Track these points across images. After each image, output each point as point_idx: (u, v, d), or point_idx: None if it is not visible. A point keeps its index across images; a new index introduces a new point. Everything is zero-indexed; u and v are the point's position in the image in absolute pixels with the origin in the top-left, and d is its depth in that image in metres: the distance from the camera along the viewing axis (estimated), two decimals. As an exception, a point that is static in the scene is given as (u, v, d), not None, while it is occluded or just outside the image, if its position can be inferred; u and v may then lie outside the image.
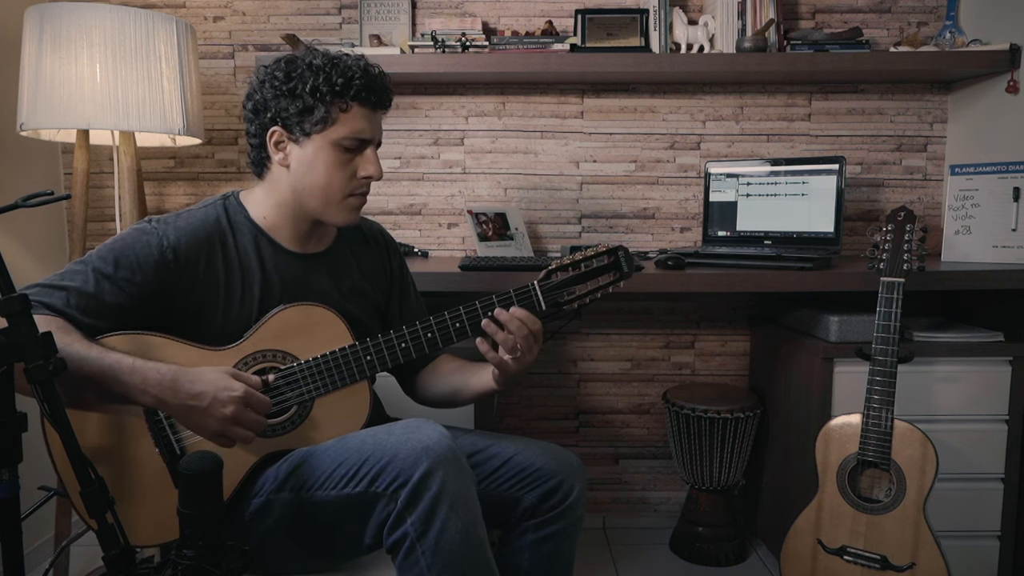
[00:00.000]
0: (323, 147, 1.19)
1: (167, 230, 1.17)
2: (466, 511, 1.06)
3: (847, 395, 1.81)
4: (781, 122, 2.30)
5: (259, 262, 1.23)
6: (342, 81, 1.16)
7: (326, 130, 1.18)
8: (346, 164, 1.21)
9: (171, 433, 1.14)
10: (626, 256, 1.25)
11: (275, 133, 1.20)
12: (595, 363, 2.37)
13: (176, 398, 1.07)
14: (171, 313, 1.18)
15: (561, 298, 1.23)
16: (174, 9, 2.26)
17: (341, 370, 1.19)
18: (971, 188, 1.95)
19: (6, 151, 1.99)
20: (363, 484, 1.08)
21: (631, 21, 2.16)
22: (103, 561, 0.92)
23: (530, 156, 2.31)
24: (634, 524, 2.38)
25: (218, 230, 1.22)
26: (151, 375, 1.06)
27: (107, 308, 1.13)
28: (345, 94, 1.17)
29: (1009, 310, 1.89)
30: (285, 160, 1.21)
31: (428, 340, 1.22)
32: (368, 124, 1.20)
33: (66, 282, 1.12)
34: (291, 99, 1.17)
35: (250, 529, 1.16)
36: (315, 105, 1.16)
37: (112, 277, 1.13)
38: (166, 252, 1.16)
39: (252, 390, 1.10)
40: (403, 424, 1.13)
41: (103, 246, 1.16)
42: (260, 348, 1.18)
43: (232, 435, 1.09)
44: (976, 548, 1.85)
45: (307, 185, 1.21)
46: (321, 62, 1.17)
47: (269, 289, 1.23)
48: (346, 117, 1.18)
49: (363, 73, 1.18)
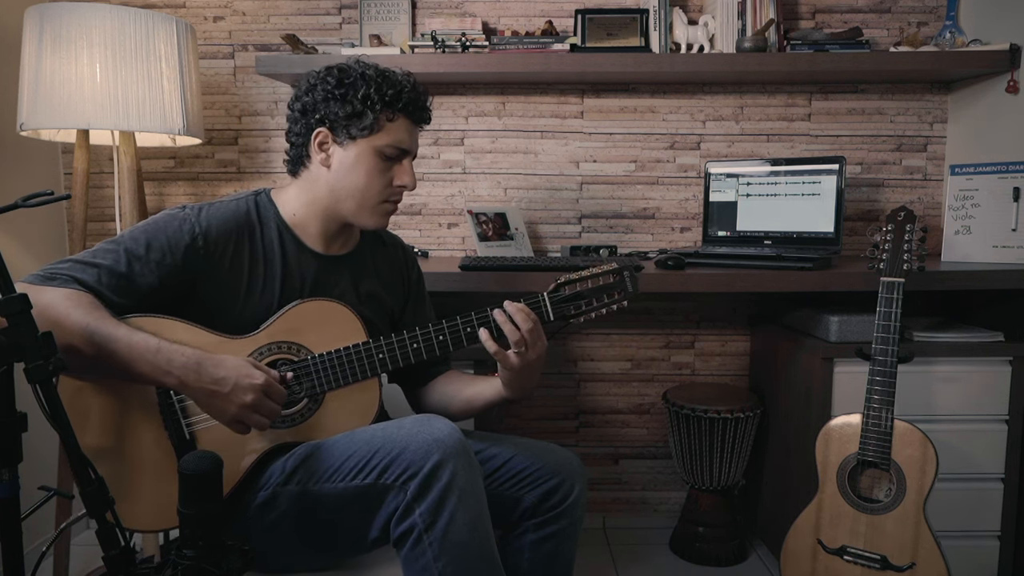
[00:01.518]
0: (365, 152, 1.23)
1: (199, 216, 1.21)
2: (475, 504, 1.07)
3: (847, 395, 1.81)
4: (781, 122, 2.30)
5: (283, 258, 1.26)
6: (392, 92, 1.22)
7: (371, 136, 1.23)
8: (384, 172, 1.25)
9: (182, 418, 1.16)
10: (631, 276, 1.29)
11: (320, 134, 1.24)
12: (595, 363, 2.37)
13: (199, 381, 1.09)
14: (191, 299, 1.20)
15: (568, 311, 1.27)
16: (174, 9, 2.26)
17: (354, 366, 1.21)
18: (971, 188, 1.95)
19: (6, 151, 1.99)
20: (373, 476, 1.09)
21: (631, 21, 2.16)
22: (103, 561, 0.92)
23: (530, 156, 2.31)
24: (634, 524, 2.38)
25: (248, 222, 1.25)
26: (176, 357, 1.08)
27: (136, 288, 1.15)
28: (394, 105, 1.23)
29: (1009, 310, 1.89)
30: (327, 160, 1.25)
31: (440, 343, 1.24)
32: (409, 136, 1.26)
33: (98, 260, 1.14)
34: (342, 103, 1.22)
35: (254, 523, 1.17)
36: (364, 112, 1.22)
37: (143, 259, 1.15)
38: (197, 238, 1.18)
39: (272, 380, 1.12)
40: (413, 418, 1.14)
41: (135, 227, 1.19)
42: (275, 339, 1.20)
43: (249, 421, 1.11)
44: (976, 548, 1.85)
45: (345, 186, 1.25)
46: (374, 73, 1.24)
47: (290, 284, 1.26)
48: (391, 127, 1.24)
49: (412, 88, 1.25)
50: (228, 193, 2.30)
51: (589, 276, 1.27)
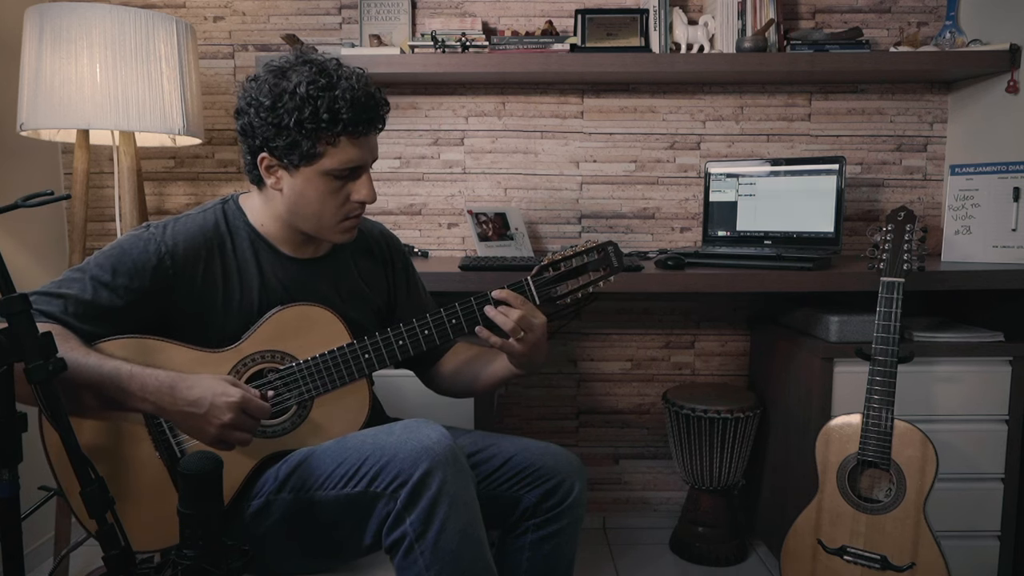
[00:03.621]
0: (313, 177, 1.16)
1: (165, 235, 1.17)
2: (465, 511, 1.06)
3: (847, 395, 1.81)
4: (781, 122, 2.30)
5: (258, 267, 1.24)
6: (328, 116, 1.11)
7: (313, 164, 1.15)
8: (338, 191, 1.19)
9: (171, 436, 1.15)
10: (615, 251, 1.28)
11: (264, 159, 1.17)
12: (595, 363, 2.37)
13: (175, 404, 1.07)
14: (170, 317, 1.18)
15: (554, 292, 1.25)
16: (174, 9, 2.26)
17: (340, 369, 1.19)
18: (971, 188, 1.95)
19: (6, 151, 1.99)
20: (363, 484, 1.08)
21: (631, 21, 2.16)
22: (103, 561, 0.92)
23: (530, 156, 2.31)
24: (634, 524, 2.38)
25: (217, 235, 1.22)
26: (150, 382, 1.07)
27: (105, 314, 1.13)
28: (333, 128, 1.12)
29: (1009, 310, 1.89)
30: (277, 184, 1.19)
31: (425, 337, 1.22)
32: (358, 152, 1.17)
33: (64, 289, 1.12)
34: (277, 130, 1.13)
35: (250, 530, 1.16)
36: (301, 141, 1.13)
37: (110, 284, 1.13)
38: (164, 258, 1.16)
39: (249, 396, 1.10)
40: (403, 424, 1.13)
41: (100, 253, 1.16)
42: (259, 349, 1.19)
43: (230, 439, 1.09)
44: (976, 548, 1.85)
45: (299, 211, 1.20)
46: (306, 91, 1.11)
47: (269, 293, 1.23)
48: (335, 150, 1.15)
49: (350, 105, 1.12)
50: (226, 194, 2.30)
51: (573, 255, 1.26)
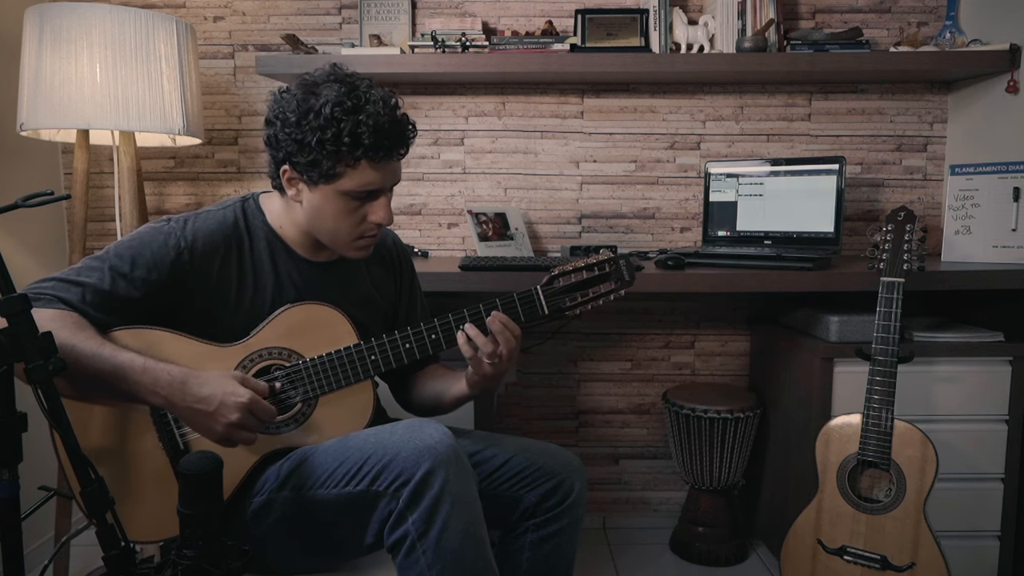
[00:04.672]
0: (331, 195, 1.18)
1: (185, 230, 1.19)
2: (467, 511, 1.07)
3: (847, 395, 1.81)
4: (781, 122, 2.30)
5: (273, 267, 1.25)
6: (349, 140, 1.12)
7: (332, 183, 1.16)
8: (355, 211, 1.20)
9: (175, 428, 1.16)
10: (627, 265, 1.27)
11: (286, 171, 1.19)
12: (595, 363, 2.37)
13: (184, 400, 1.08)
14: (182, 310, 1.19)
15: (563, 304, 1.24)
16: (174, 9, 2.26)
17: (346, 369, 1.20)
18: (971, 188, 1.94)
19: (6, 151, 1.99)
20: (365, 483, 1.08)
21: (631, 21, 2.16)
22: (103, 561, 0.92)
23: (530, 156, 2.31)
24: (634, 524, 2.38)
25: (235, 234, 1.23)
26: (162, 376, 1.08)
27: (121, 305, 1.14)
28: (353, 152, 1.13)
29: (1009, 310, 1.89)
30: (297, 196, 1.21)
31: (432, 341, 1.23)
32: (378, 176, 1.17)
33: (83, 278, 1.13)
34: (299, 147, 1.14)
35: (251, 528, 1.16)
36: (321, 160, 1.14)
37: (128, 276, 1.14)
38: (182, 252, 1.17)
39: (258, 397, 1.10)
40: (405, 424, 1.13)
41: (120, 243, 1.17)
42: (266, 345, 1.20)
43: (235, 438, 1.10)
44: (976, 548, 1.85)
45: (316, 225, 1.22)
46: (331, 112, 1.12)
47: (281, 293, 1.25)
48: (354, 172, 1.16)
49: (373, 131, 1.13)
50: (228, 195, 2.31)
51: (584, 267, 1.25)
